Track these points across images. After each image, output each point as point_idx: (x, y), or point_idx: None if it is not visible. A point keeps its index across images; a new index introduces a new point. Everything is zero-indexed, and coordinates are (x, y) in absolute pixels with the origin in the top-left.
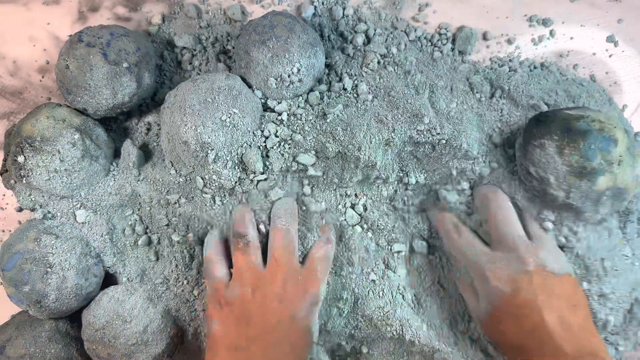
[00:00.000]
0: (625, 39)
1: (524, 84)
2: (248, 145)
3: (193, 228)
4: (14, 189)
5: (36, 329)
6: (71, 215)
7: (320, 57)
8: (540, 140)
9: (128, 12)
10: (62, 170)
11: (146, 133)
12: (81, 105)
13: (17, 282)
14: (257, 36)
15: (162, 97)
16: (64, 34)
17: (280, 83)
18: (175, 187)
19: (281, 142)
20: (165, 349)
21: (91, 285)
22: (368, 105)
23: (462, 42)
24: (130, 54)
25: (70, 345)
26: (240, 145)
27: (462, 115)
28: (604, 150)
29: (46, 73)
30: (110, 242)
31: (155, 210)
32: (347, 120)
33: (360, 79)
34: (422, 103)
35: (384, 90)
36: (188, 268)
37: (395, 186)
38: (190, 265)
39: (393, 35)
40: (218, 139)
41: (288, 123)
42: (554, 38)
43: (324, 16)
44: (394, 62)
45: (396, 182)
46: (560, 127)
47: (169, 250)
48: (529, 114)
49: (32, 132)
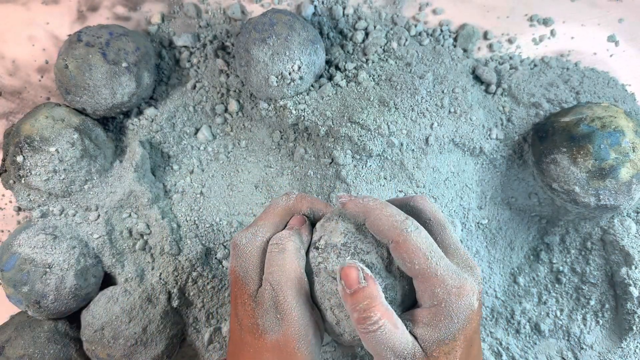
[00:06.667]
0: (626, 38)
1: (524, 82)
2: None
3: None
4: (13, 189)
5: (35, 330)
6: (70, 215)
7: (320, 54)
8: (551, 156)
9: (127, 11)
10: (61, 170)
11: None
12: (80, 105)
13: (16, 283)
14: (257, 34)
15: (160, 96)
16: (63, 33)
17: (281, 81)
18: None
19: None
20: (164, 350)
21: (90, 285)
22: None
23: (464, 39)
24: (129, 54)
25: (69, 345)
26: None
27: (469, 98)
28: (614, 144)
29: (45, 73)
30: (109, 242)
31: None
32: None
33: (361, 69)
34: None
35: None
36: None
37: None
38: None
39: (393, 31)
40: None
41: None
42: (554, 37)
43: (324, 15)
44: (395, 57)
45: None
46: (564, 137)
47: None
48: (530, 111)
49: (31, 132)
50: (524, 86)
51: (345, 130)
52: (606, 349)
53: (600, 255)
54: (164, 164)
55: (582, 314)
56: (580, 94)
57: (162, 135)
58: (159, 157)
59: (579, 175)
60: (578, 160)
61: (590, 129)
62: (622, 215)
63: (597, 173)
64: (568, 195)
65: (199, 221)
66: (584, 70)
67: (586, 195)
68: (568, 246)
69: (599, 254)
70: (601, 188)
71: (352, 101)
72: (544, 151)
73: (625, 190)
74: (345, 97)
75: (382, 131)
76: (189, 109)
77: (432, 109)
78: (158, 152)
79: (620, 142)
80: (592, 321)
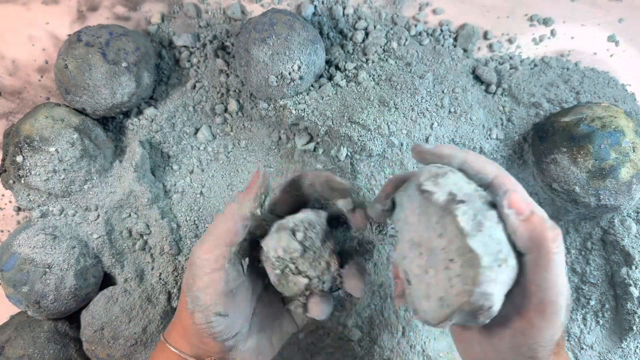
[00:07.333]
0: (626, 38)
1: (524, 82)
2: None
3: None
4: (13, 189)
5: (35, 330)
6: (70, 215)
7: (320, 53)
8: (551, 156)
9: (127, 11)
10: (60, 170)
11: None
12: (80, 105)
13: (16, 283)
14: (257, 34)
15: (159, 95)
16: (63, 33)
17: (280, 81)
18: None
19: None
20: None
21: (90, 286)
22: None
23: (464, 39)
24: (129, 54)
25: (69, 346)
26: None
27: (469, 98)
28: (614, 144)
29: (45, 73)
30: (109, 242)
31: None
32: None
33: (361, 69)
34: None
35: (385, 77)
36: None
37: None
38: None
39: (393, 30)
40: None
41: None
42: (554, 37)
43: (324, 15)
44: (395, 56)
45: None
46: (564, 138)
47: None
48: (530, 111)
49: (31, 132)
50: (524, 86)
51: (345, 130)
52: (606, 349)
53: (600, 255)
54: (163, 164)
55: (582, 314)
56: (580, 94)
57: (162, 135)
58: (159, 157)
59: (579, 175)
60: (578, 160)
61: (590, 129)
62: (622, 215)
63: (597, 173)
64: (568, 195)
65: (198, 221)
66: (584, 70)
67: (586, 195)
68: (568, 246)
69: (599, 254)
70: (601, 188)
71: (352, 101)
72: (544, 151)
73: (625, 190)
74: (345, 97)
75: (382, 131)
76: (188, 109)
77: (432, 109)
78: (158, 152)
79: (621, 142)
80: (592, 321)
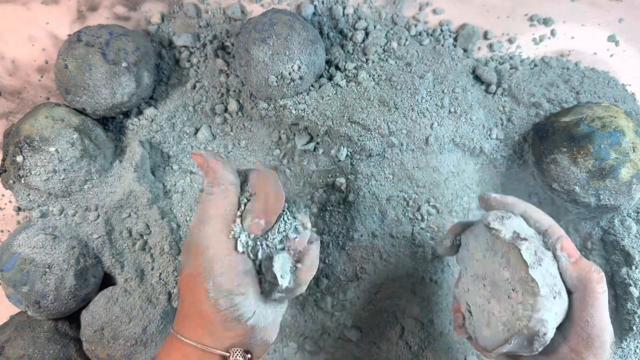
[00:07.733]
0: (626, 38)
1: (524, 82)
2: None
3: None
4: (13, 189)
5: (35, 330)
6: (70, 215)
7: (320, 53)
8: (551, 156)
9: (127, 11)
10: (60, 170)
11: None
12: (80, 104)
13: (16, 283)
14: (257, 34)
15: (159, 95)
16: (63, 33)
17: (280, 81)
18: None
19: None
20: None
21: (90, 286)
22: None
23: (464, 39)
24: (129, 54)
25: (69, 346)
26: None
27: (469, 98)
28: (615, 144)
29: (45, 73)
30: (109, 242)
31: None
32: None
33: (361, 69)
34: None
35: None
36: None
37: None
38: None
39: (393, 30)
40: None
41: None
42: (554, 37)
43: (324, 15)
44: (395, 56)
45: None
46: (565, 137)
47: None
48: (530, 111)
49: (31, 131)
50: (524, 86)
51: (345, 130)
52: None
53: (600, 256)
54: (163, 164)
55: None
56: (580, 94)
57: (162, 135)
58: (159, 157)
59: (579, 175)
60: (578, 160)
61: (590, 129)
62: (622, 215)
63: (597, 173)
64: (568, 195)
65: None
66: (584, 70)
67: (586, 195)
68: None
69: (599, 254)
70: (601, 188)
71: (352, 101)
72: (544, 151)
73: (625, 190)
74: (345, 97)
75: (382, 131)
76: (188, 109)
77: (432, 109)
78: (158, 152)
79: (621, 142)
80: None
